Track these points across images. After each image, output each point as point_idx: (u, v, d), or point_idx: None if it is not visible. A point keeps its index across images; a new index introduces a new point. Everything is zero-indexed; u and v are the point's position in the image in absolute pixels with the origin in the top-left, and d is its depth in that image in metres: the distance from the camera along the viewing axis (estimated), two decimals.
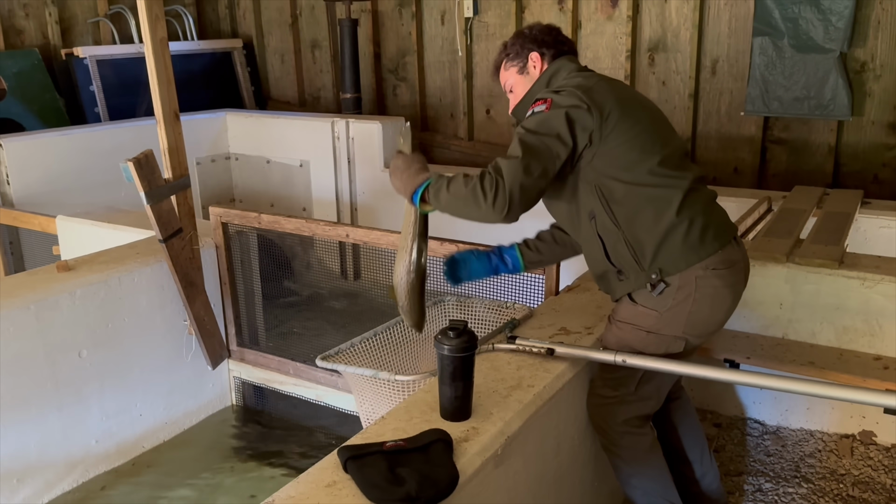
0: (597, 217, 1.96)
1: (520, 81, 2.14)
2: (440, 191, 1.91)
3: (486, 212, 1.83)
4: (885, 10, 3.93)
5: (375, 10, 5.67)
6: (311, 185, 5.10)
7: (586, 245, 2.07)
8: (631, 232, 1.93)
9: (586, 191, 1.95)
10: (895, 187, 4.07)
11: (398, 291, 2.07)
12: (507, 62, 2.16)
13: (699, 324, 1.99)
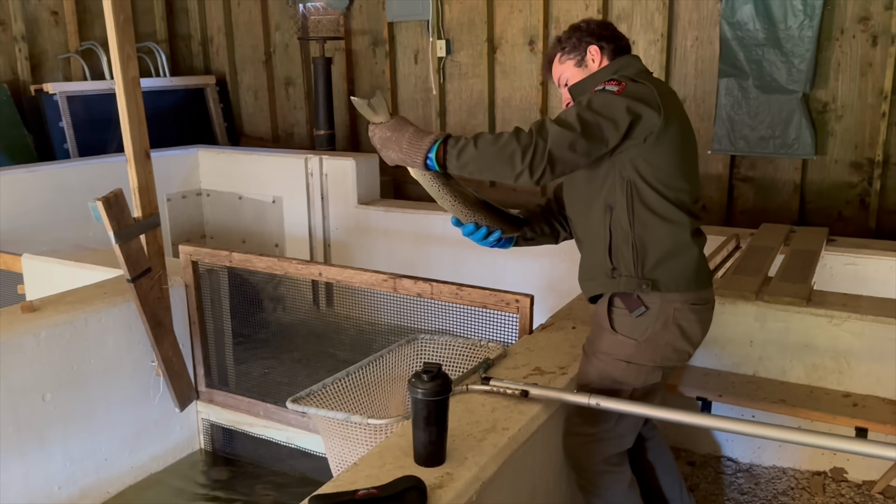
0: (614, 211, 1.95)
1: (577, 74, 2.08)
2: (465, 149, 1.80)
3: (519, 173, 1.76)
4: (844, 53, 4.06)
5: (349, 49, 5.72)
6: (284, 222, 5.08)
7: (589, 234, 2.04)
8: (641, 237, 1.94)
9: (615, 183, 1.93)
10: (859, 224, 4.16)
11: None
12: (563, 55, 2.10)
13: (673, 355, 2.02)
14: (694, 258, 1.97)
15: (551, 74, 2.16)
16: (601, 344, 2.06)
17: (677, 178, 1.93)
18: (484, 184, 4.91)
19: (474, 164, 1.80)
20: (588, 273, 2.08)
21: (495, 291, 2.68)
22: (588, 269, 2.08)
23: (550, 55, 2.14)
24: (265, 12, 6.08)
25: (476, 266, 4.47)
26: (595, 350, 2.08)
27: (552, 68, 2.14)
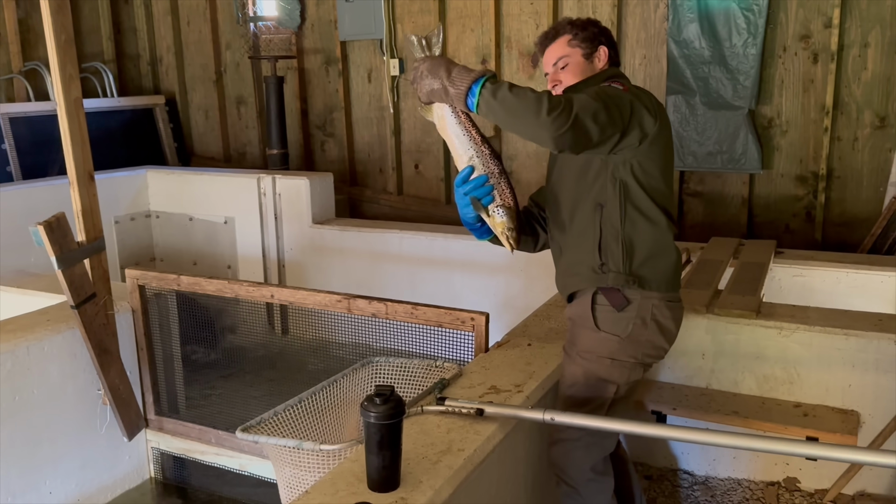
0: (605, 209, 2.02)
1: (581, 66, 2.10)
2: (501, 88, 1.75)
3: (543, 123, 1.73)
4: (787, 70, 4.18)
5: (302, 68, 5.68)
6: (237, 243, 4.99)
7: (575, 232, 2.09)
8: (630, 235, 2.03)
9: (606, 182, 2.01)
10: (806, 236, 4.27)
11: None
12: (575, 40, 2.10)
13: (652, 351, 2.10)
14: (674, 260, 2.09)
15: (548, 48, 2.14)
16: (584, 342, 2.10)
17: (662, 183, 2.03)
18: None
19: (506, 105, 1.74)
20: (572, 269, 2.12)
21: (450, 310, 2.67)
22: (572, 266, 2.12)
23: (556, 33, 2.13)
24: (215, 31, 6.02)
25: (433, 284, 4.45)
26: (578, 350, 2.11)
27: (553, 45, 2.13)
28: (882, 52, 3.98)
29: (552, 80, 2.13)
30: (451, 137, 1.95)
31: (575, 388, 2.14)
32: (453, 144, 1.96)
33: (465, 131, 1.94)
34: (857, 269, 3.44)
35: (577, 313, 2.13)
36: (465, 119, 1.93)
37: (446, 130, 1.94)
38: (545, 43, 2.15)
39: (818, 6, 4.04)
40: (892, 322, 2.68)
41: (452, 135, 1.94)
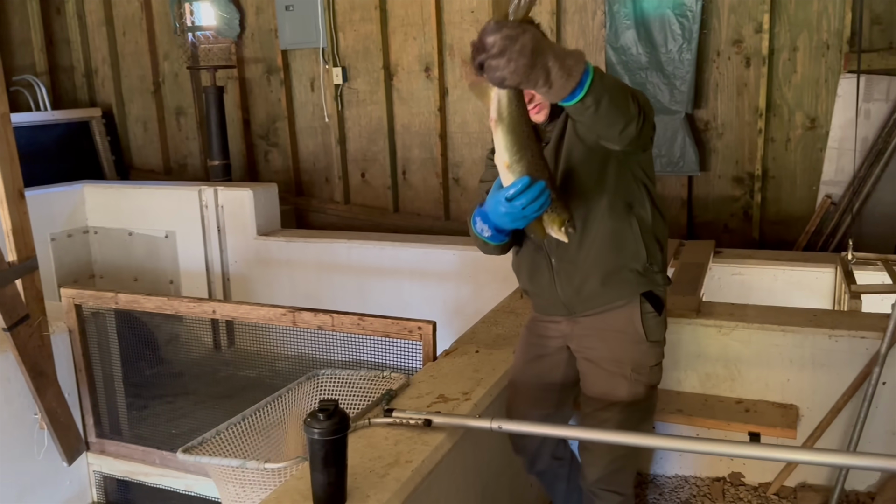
0: (634, 207, 1.91)
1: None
2: (605, 75, 1.52)
3: (633, 117, 1.59)
4: (721, 75, 4.29)
5: (243, 77, 5.61)
6: (179, 257, 4.89)
7: (603, 237, 1.91)
8: (659, 231, 1.98)
9: (630, 182, 1.90)
10: (744, 235, 4.39)
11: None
12: None
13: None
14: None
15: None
16: (635, 357, 1.96)
17: (655, 184, 2.00)
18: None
19: (612, 93, 1.52)
20: (610, 278, 1.92)
21: (397, 320, 2.66)
22: (609, 275, 1.92)
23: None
24: (152, 42, 5.89)
25: (382, 293, 4.43)
26: (633, 367, 1.96)
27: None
28: (810, 56, 4.12)
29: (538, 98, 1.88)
30: (508, 133, 1.57)
31: (640, 405, 2.01)
32: (508, 143, 1.58)
33: (526, 123, 1.59)
34: (794, 267, 3.54)
35: (616, 326, 1.96)
36: (525, 108, 1.59)
37: (506, 122, 1.56)
38: None
39: (749, 12, 4.17)
40: (827, 317, 2.77)
41: (513, 129, 1.57)
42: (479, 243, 1.95)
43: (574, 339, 2.05)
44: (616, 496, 2.08)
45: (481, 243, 1.93)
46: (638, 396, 1.99)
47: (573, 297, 1.97)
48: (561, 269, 1.97)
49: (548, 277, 1.99)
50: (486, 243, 1.91)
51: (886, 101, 3.93)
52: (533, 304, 2.17)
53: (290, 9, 5.19)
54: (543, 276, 2.00)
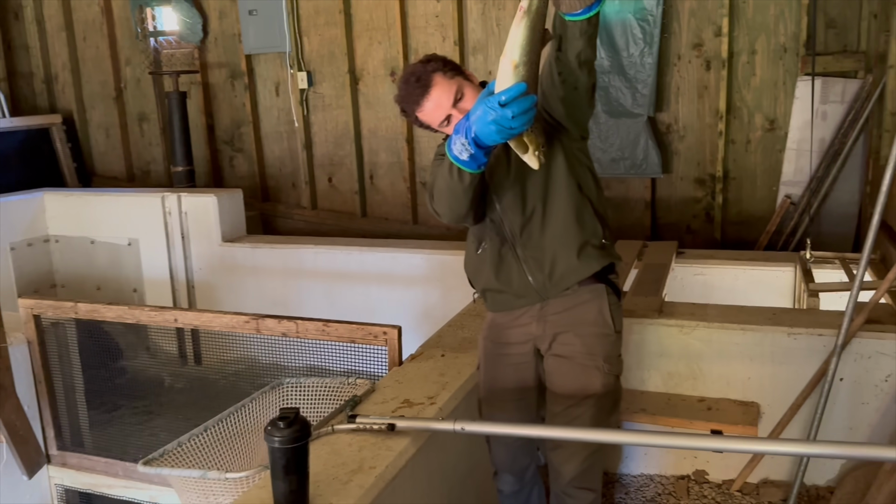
0: (584, 188, 1.95)
1: (470, 87, 1.93)
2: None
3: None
4: (682, 78, 4.36)
5: (206, 82, 5.56)
6: (142, 265, 4.82)
7: (564, 215, 1.93)
8: (604, 210, 2.01)
9: (576, 164, 1.94)
10: (706, 236, 4.45)
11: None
12: (447, 70, 1.93)
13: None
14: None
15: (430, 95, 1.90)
16: (605, 349, 1.99)
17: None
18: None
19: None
20: (583, 251, 1.95)
21: (362, 325, 2.65)
22: (581, 247, 1.94)
23: (428, 78, 1.91)
24: (114, 47, 5.81)
25: (350, 298, 4.42)
26: (604, 358, 1.99)
27: (435, 88, 1.90)
28: (768, 59, 4.20)
29: (458, 118, 1.88)
30: (529, 28, 1.58)
31: (610, 397, 2.04)
32: (525, 39, 1.58)
33: (543, 30, 1.60)
34: (754, 266, 3.61)
35: (588, 320, 2.00)
36: (545, 12, 1.59)
37: (532, 16, 1.57)
38: (424, 92, 1.90)
39: (708, 16, 4.24)
40: (786, 315, 2.82)
41: (535, 26, 1.58)
42: (447, 184, 1.82)
43: (545, 338, 2.04)
44: (590, 493, 2.09)
45: (451, 181, 1.80)
46: (609, 388, 2.02)
47: (545, 281, 1.98)
48: (528, 257, 1.98)
49: (516, 268, 2.00)
50: (459, 176, 1.78)
51: (842, 102, 4.02)
52: (495, 304, 2.09)
53: (254, 13, 5.16)
54: (511, 268, 2.00)
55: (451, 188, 1.83)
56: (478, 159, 1.73)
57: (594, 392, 2.00)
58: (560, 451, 2.07)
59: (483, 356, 2.17)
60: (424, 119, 1.95)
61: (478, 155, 1.71)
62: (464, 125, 1.70)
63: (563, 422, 2.03)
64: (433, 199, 1.94)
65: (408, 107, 1.95)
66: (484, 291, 2.10)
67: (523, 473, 2.22)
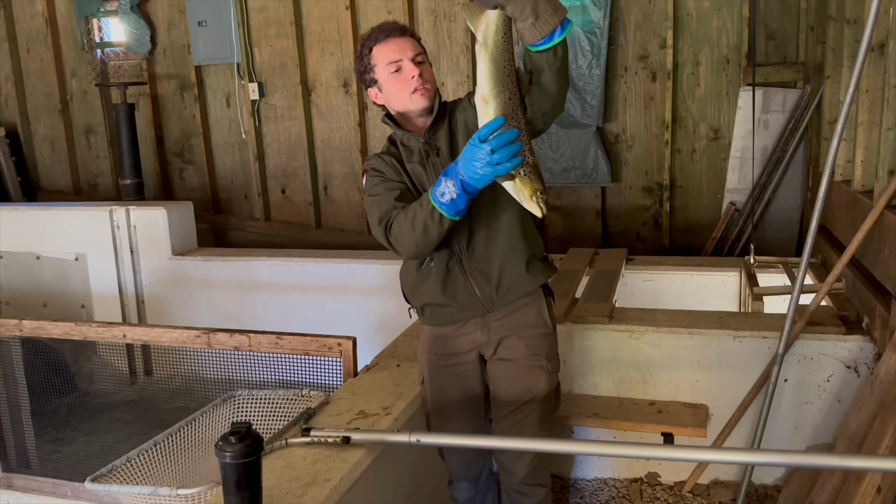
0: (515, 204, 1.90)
1: (430, 68, 1.95)
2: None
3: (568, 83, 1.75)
4: (629, 89, 4.45)
5: (155, 94, 5.47)
6: (90, 280, 4.71)
7: (517, 227, 1.95)
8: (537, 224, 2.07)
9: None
10: (655, 243, 4.55)
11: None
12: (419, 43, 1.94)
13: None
14: None
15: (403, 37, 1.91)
16: (546, 348, 2.06)
17: None
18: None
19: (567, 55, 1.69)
20: (530, 264, 2.00)
21: (316, 337, 2.64)
22: (528, 260, 1.99)
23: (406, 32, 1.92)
24: (59, 59, 5.68)
25: (306, 310, 4.39)
26: (546, 357, 2.05)
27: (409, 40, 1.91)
28: (712, 70, 4.33)
29: (409, 70, 1.87)
30: (490, 62, 1.57)
31: (554, 394, 2.09)
32: (489, 73, 1.58)
33: (510, 61, 1.58)
34: (701, 272, 3.70)
35: (529, 322, 2.03)
36: (511, 46, 1.59)
37: (490, 49, 1.57)
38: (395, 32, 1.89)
39: (653, 28, 4.35)
40: (732, 319, 2.90)
41: (496, 59, 1.57)
42: (423, 227, 1.79)
43: (490, 344, 2.06)
44: (542, 489, 2.14)
45: (429, 224, 1.77)
46: (553, 385, 2.09)
47: (492, 293, 2.00)
48: (475, 270, 1.99)
49: (462, 281, 2.00)
50: (440, 222, 1.76)
51: (783, 112, 4.16)
52: (436, 318, 2.08)
53: (203, 24, 5.11)
54: (458, 281, 2.00)
55: (426, 231, 1.80)
56: (457, 205, 1.72)
57: (540, 391, 2.05)
58: (510, 452, 2.11)
59: (427, 370, 2.15)
60: (377, 54, 1.90)
61: (460, 199, 1.71)
62: (454, 170, 1.71)
63: (512, 423, 2.07)
64: (393, 237, 1.89)
65: (371, 39, 1.92)
66: (424, 306, 2.08)
67: (478, 479, 2.24)
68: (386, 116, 2.01)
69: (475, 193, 1.72)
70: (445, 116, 1.97)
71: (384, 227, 1.90)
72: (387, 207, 1.90)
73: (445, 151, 1.94)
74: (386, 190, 1.93)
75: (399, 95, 1.92)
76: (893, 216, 2.38)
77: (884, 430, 2.09)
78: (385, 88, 1.93)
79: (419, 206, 1.81)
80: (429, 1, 4.73)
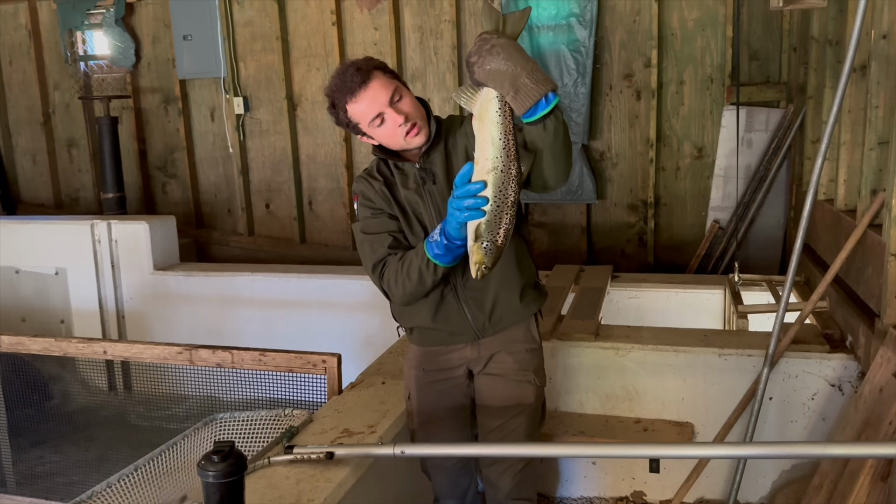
0: (520, 229, 1.94)
1: (412, 96, 1.90)
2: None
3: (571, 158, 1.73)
4: (614, 108, 4.49)
5: (138, 107, 5.44)
6: (70, 295, 4.65)
7: (513, 256, 1.95)
8: (530, 249, 2.08)
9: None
10: (640, 260, 4.56)
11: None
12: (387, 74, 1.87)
13: None
14: None
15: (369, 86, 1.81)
16: (534, 362, 2.06)
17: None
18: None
19: (566, 127, 1.65)
20: (524, 293, 2.00)
21: (301, 354, 2.62)
22: (523, 289, 2.00)
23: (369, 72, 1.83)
24: (42, 71, 5.63)
25: (289, 326, 4.35)
26: (534, 371, 2.06)
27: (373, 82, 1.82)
28: (696, 89, 4.37)
29: (394, 120, 1.82)
30: (487, 135, 1.61)
31: (540, 408, 2.10)
32: (485, 145, 1.61)
33: (505, 135, 1.60)
34: (685, 289, 3.71)
35: (519, 338, 2.03)
36: (509, 121, 1.60)
37: (485, 124, 1.61)
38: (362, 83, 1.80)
39: (638, 47, 4.39)
40: (717, 337, 2.91)
41: (492, 132, 1.60)
42: (418, 276, 1.82)
43: (480, 360, 2.05)
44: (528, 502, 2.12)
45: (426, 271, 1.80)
46: (540, 399, 2.10)
47: (485, 321, 1.99)
48: (468, 297, 1.97)
49: (455, 307, 1.98)
50: (434, 271, 1.79)
51: (766, 131, 4.21)
52: (426, 340, 2.06)
53: (189, 38, 5.09)
54: (451, 307, 1.98)
55: (420, 280, 1.82)
56: (451, 250, 1.74)
57: (528, 405, 2.05)
58: (496, 466, 2.09)
59: (415, 385, 2.12)
60: (354, 113, 1.84)
61: (440, 243, 1.73)
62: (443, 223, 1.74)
63: (499, 437, 2.06)
64: (386, 284, 1.89)
65: (340, 97, 1.83)
66: (413, 328, 2.07)
67: (464, 497, 2.21)
68: (377, 149, 1.95)
69: (452, 240, 1.71)
70: (441, 138, 1.94)
71: (378, 273, 1.91)
72: (381, 253, 1.90)
73: (442, 178, 1.91)
74: (377, 229, 1.92)
75: (393, 141, 1.88)
76: (876, 235, 2.40)
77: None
78: (376, 136, 1.89)
79: (416, 256, 1.83)
80: (415, 18, 4.75)
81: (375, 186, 1.95)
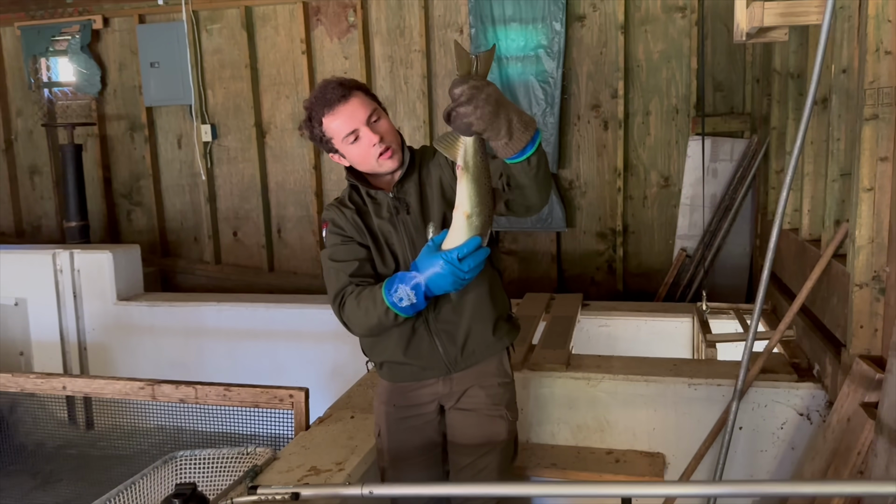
0: (493, 257, 1.87)
1: (389, 122, 1.90)
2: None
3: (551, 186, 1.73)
4: (582, 137, 4.53)
5: (104, 135, 5.37)
6: (30, 326, 4.52)
7: (486, 289, 1.93)
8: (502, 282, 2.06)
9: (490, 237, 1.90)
10: (609, 287, 4.58)
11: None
12: (368, 96, 1.87)
13: None
14: None
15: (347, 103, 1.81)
16: (506, 397, 2.03)
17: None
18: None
19: (546, 159, 1.63)
20: (497, 326, 1.98)
21: (267, 388, 2.56)
22: (496, 322, 1.98)
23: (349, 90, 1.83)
24: (4, 98, 5.54)
25: (255, 357, 4.27)
26: (506, 406, 2.03)
27: (353, 99, 1.82)
28: (662, 120, 4.43)
29: (369, 139, 1.81)
30: (473, 183, 1.60)
31: (512, 443, 2.07)
32: (471, 193, 1.60)
33: (488, 179, 1.61)
34: (654, 317, 3.72)
35: (491, 372, 2.01)
36: (488, 164, 1.60)
37: (472, 171, 1.59)
38: (342, 98, 1.80)
39: (605, 79, 4.45)
40: (686, 366, 2.91)
41: (478, 179, 1.59)
42: (378, 320, 1.79)
43: (451, 395, 2.02)
44: None
45: (383, 320, 1.78)
46: (512, 434, 2.06)
47: (457, 354, 1.96)
48: (440, 330, 1.94)
49: (427, 340, 1.95)
50: (395, 320, 1.77)
51: (731, 160, 4.27)
52: (396, 375, 2.03)
53: (156, 66, 5.05)
54: (423, 341, 1.95)
55: (380, 324, 1.80)
56: (417, 307, 1.74)
57: (500, 440, 2.02)
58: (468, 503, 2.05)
59: (384, 422, 2.08)
60: (329, 128, 1.83)
61: (420, 304, 1.73)
62: (410, 278, 1.70)
63: (472, 473, 2.02)
64: (346, 317, 1.87)
65: (317, 110, 1.83)
66: (383, 363, 2.03)
67: None
68: (350, 174, 1.93)
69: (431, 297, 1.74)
70: (415, 167, 1.93)
71: (338, 305, 1.88)
72: (343, 282, 1.86)
73: (416, 208, 1.89)
74: (345, 256, 1.89)
75: (365, 162, 1.87)
76: (841, 266, 2.43)
77: (838, 479, 2.09)
78: (348, 155, 1.88)
79: (373, 303, 1.78)
80: (385, 47, 4.77)
81: (347, 214, 1.92)
